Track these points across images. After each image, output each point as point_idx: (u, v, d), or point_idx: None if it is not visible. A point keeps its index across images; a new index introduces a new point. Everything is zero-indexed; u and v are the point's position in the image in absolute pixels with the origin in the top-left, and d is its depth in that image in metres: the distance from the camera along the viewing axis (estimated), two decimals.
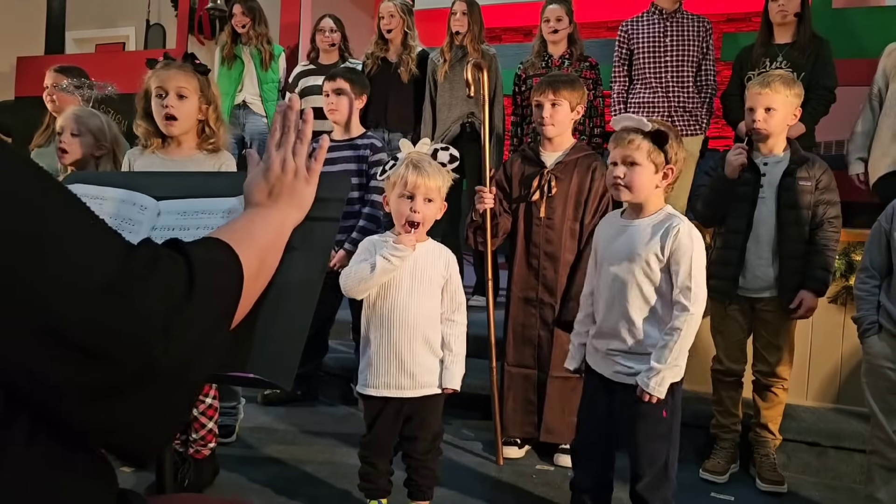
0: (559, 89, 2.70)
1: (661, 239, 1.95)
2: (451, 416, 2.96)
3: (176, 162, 2.38)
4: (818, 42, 3.46)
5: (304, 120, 1.03)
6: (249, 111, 4.63)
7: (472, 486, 2.59)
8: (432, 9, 5.71)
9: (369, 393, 2.17)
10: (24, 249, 0.60)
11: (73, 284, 0.62)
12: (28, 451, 0.64)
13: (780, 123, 2.57)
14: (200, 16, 6.08)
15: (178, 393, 0.71)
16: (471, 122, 4.04)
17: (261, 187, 0.99)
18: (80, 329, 0.62)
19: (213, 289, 0.75)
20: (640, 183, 1.98)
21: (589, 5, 6.16)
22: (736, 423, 2.76)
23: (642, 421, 1.98)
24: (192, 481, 2.39)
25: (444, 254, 2.23)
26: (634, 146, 1.97)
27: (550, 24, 3.86)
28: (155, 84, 2.33)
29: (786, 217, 2.57)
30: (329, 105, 3.20)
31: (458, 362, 2.20)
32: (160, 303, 0.67)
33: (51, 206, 0.64)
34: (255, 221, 0.94)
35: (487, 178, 2.76)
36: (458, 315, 2.22)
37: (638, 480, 2.02)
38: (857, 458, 2.73)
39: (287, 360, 0.92)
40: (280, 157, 1.00)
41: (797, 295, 2.54)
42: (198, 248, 0.77)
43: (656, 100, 3.71)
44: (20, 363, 0.61)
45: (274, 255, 0.93)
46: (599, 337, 2.08)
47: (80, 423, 0.66)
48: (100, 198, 1.15)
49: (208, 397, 2.42)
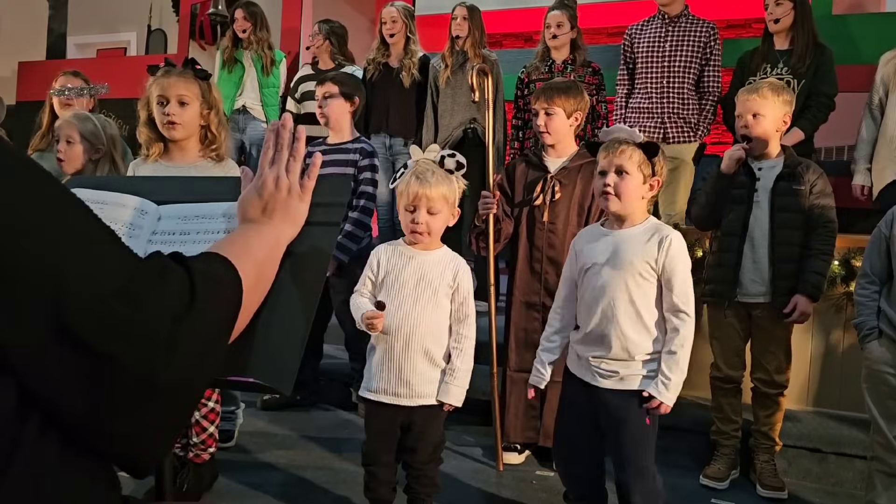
0: (553, 98, 2.71)
1: (654, 248, 1.97)
2: (452, 421, 2.94)
3: (181, 169, 2.37)
4: (820, 50, 3.47)
5: (296, 138, 1.04)
6: (249, 116, 4.64)
7: (471, 493, 2.59)
8: (433, 14, 5.71)
9: (367, 396, 2.16)
10: (42, 253, 0.63)
11: (88, 287, 0.64)
12: (40, 448, 0.65)
13: (768, 129, 2.58)
14: (201, 21, 6.10)
15: (177, 406, 0.72)
16: (473, 128, 4.05)
17: (255, 204, 1.00)
18: (91, 329, 0.64)
19: (214, 302, 0.76)
20: (629, 192, 1.99)
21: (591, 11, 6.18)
22: (736, 430, 2.75)
23: (625, 427, 1.99)
24: (191, 486, 2.39)
25: (455, 264, 2.16)
26: (626, 156, 1.99)
27: (551, 31, 3.86)
28: (156, 92, 2.33)
29: (780, 221, 2.57)
30: (319, 110, 3.21)
31: (458, 377, 2.11)
32: (167, 315, 0.69)
33: (66, 214, 0.67)
34: (250, 236, 0.95)
35: (492, 183, 2.76)
36: (464, 328, 2.14)
37: (625, 486, 2.02)
38: (857, 464, 2.72)
39: (287, 365, 0.92)
40: (273, 175, 1.01)
41: (791, 300, 2.54)
42: (198, 262, 0.79)
43: (651, 105, 3.71)
44: (33, 361, 0.63)
45: (270, 269, 0.95)
46: (584, 343, 2.07)
47: (82, 430, 0.67)
48: (100, 202, 1.15)
49: (210, 401, 2.42)
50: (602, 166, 2.04)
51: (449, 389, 2.11)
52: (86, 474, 0.70)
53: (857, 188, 3.46)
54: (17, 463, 0.63)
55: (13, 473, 0.63)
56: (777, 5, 3.47)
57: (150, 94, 2.35)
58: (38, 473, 0.65)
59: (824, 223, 2.55)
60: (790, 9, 3.46)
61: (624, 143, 2.00)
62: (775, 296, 2.57)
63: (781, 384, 2.65)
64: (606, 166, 2.02)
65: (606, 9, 5.94)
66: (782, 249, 2.56)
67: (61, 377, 0.63)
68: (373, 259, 2.19)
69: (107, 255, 0.68)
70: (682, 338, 1.93)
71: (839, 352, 3.07)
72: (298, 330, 0.94)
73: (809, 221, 2.56)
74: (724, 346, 2.73)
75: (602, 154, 2.05)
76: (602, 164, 2.04)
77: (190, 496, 2.36)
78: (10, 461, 0.63)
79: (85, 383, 0.64)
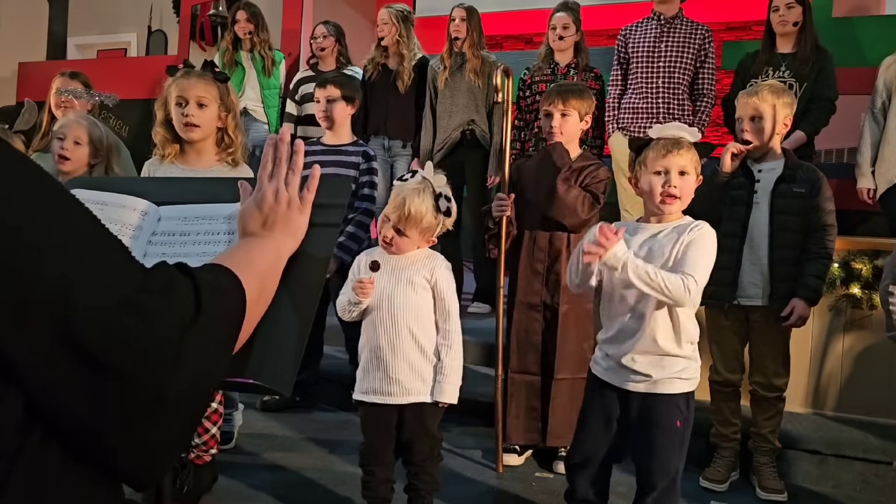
0: (569, 99, 2.70)
1: (681, 236, 1.92)
2: (452, 422, 2.95)
3: (196, 172, 2.36)
4: (821, 53, 3.48)
5: (295, 151, 1.04)
6: (251, 118, 4.63)
7: (471, 494, 2.59)
8: (432, 16, 5.72)
9: (360, 398, 2.19)
10: (48, 262, 0.62)
11: (95, 298, 0.64)
12: (42, 457, 0.65)
13: (767, 131, 2.57)
14: (202, 22, 6.10)
15: (182, 419, 0.72)
16: (471, 130, 4.05)
17: (255, 217, 1.00)
18: (97, 340, 0.63)
19: (219, 315, 0.76)
20: (689, 192, 1.95)
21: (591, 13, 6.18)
22: (735, 433, 2.75)
23: (658, 430, 1.96)
24: (191, 488, 2.38)
25: (432, 261, 2.19)
26: (689, 156, 1.93)
27: (557, 32, 3.86)
28: (175, 93, 2.33)
29: (779, 223, 2.55)
30: (320, 111, 3.21)
31: (448, 375, 2.14)
32: (173, 328, 0.68)
33: (72, 222, 0.67)
34: (252, 249, 0.95)
35: (506, 185, 2.75)
36: (450, 324, 2.17)
37: (649, 492, 1.99)
38: (857, 466, 2.72)
39: (287, 366, 0.92)
40: (273, 188, 1.01)
41: (789, 303, 2.51)
42: (205, 274, 0.78)
43: (647, 105, 3.72)
44: (37, 371, 0.62)
45: (273, 281, 0.95)
46: (613, 343, 2.02)
47: (86, 442, 0.67)
48: (100, 203, 1.15)
49: (213, 402, 2.42)
50: (662, 165, 1.93)
51: (442, 388, 2.14)
52: (88, 482, 0.69)
53: (862, 192, 3.45)
54: (20, 472, 0.62)
55: (15, 483, 0.62)
56: (789, 9, 3.47)
57: (169, 95, 2.35)
58: (40, 483, 0.64)
59: (823, 226, 2.53)
60: (801, 13, 3.46)
61: (685, 143, 1.93)
62: (773, 299, 2.56)
63: (779, 388, 2.64)
64: (668, 166, 1.92)
65: (607, 10, 5.95)
66: (781, 252, 2.55)
67: (66, 389, 0.63)
68: (354, 266, 2.26)
69: (114, 265, 0.68)
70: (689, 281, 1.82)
71: (839, 354, 3.07)
72: (298, 331, 0.94)
73: (809, 224, 2.55)
74: (722, 349, 2.72)
75: (660, 152, 1.93)
76: (661, 162, 1.93)
77: (189, 498, 2.35)
78: (12, 471, 0.62)
79: (90, 396, 0.63)
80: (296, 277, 0.97)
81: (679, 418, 1.95)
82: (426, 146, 4.11)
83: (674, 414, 1.94)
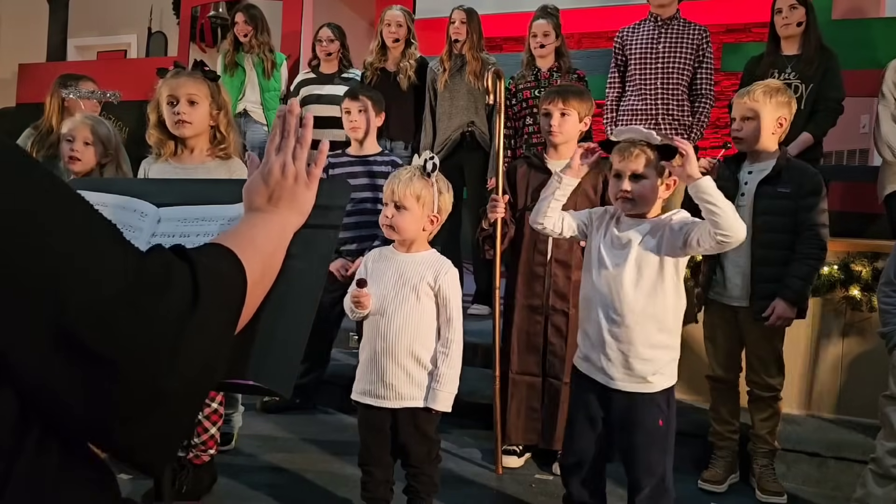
0: (569, 99, 2.71)
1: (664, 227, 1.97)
2: (451, 424, 2.95)
3: (187, 169, 2.38)
4: (827, 54, 3.47)
5: (303, 125, 1.03)
6: (250, 119, 4.64)
7: (470, 496, 2.59)
8: (431, 18, 5.72)
9: (356, 398, 2.20)
10: (43, 254, 0.61)
11: (90, 290, 0.62)
12: (40, 459, 0.64)
13: (759, 131, 2.55)
14: (202, 24, 6.11)
15: (182, 411, 0.71)
16: (471, 131, 4.05)
17: (261, 191, 0.98)
18: (93, 334, 0.62)
19: (218, 303, 0.75)
20: (646, 195, 1.97)
21: (589, 15, 6.19)
22: (732, 431, 2.74)
23: (640, 431, 1.98)
24: (190, 488, 2.38)
25: (438, 266, 2.17)
26: (641, 160, 1.96)
27: (538, 39, 3.85)
28: (166, 92, 2.34)
29: (761, 224, 2.52)
30: (351, 122, 3.21)
31: (444, 383, 2.11)
32: (171, 319, 0.67)
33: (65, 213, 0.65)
34: (256, 226, 0.93)
35: (500, 186, 2.76)
36: (450, 332, 2.14)
37: (637, 492, 2.01)
38: (857, 468, 2.72)
39: (287, 368, 0.92)
40: (280, 162, 0.99)
41: (771, 303, 2.49)
42: (202, 256, 0.76)
43: (646, 107, 3.71)
44: (34, 367, 0.61)
45: (276, 260, 0.93)
46: (593, 341, 2.04)
47: (86, 438, 0.67)
48: (100, 204, 1.15)
49: (214, 402, 2.42)
50: (618, 169, 2.00)
51: (437, 396, 2.11)
52: (85, 483, 0.69)
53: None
54: (18, 474, 0.62)
55: (13, 484, 0.61)
56: (792, 10, 3.46)
57: (160, 96, 2.36)
58: (38, 484, 0.64)
59: (812, 227, 2.49)
60: (804, 13, 3.46)
61: (639, 146, 1.97)
62: (754, 299, 2.54)
63: (774, 387, 2.63)
64: (622, 170, 1.99)
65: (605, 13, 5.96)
66: (763, 252, 2.53)
67: (63, 385, 0.62)
68: (362, 265, 2.25)
69: (108, 257, 0.66)
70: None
71: (838, 356, 3.07)
72: (298, 333, 0.94)
73: (797, 225, 2.51)
74: (716, 347, 2.72)
75: (617, 156, 2.01)
76: (617, 166, 2.00)
77: (189, 498, 2.36)
78: (10, 472, 0.61)
79: (87, 391, 0.62)
80: (295, 279, 0.97)
81: (661, 417, 1.97)
82: (426, 148, 4.10)
83: (655, 413, 1.95)
